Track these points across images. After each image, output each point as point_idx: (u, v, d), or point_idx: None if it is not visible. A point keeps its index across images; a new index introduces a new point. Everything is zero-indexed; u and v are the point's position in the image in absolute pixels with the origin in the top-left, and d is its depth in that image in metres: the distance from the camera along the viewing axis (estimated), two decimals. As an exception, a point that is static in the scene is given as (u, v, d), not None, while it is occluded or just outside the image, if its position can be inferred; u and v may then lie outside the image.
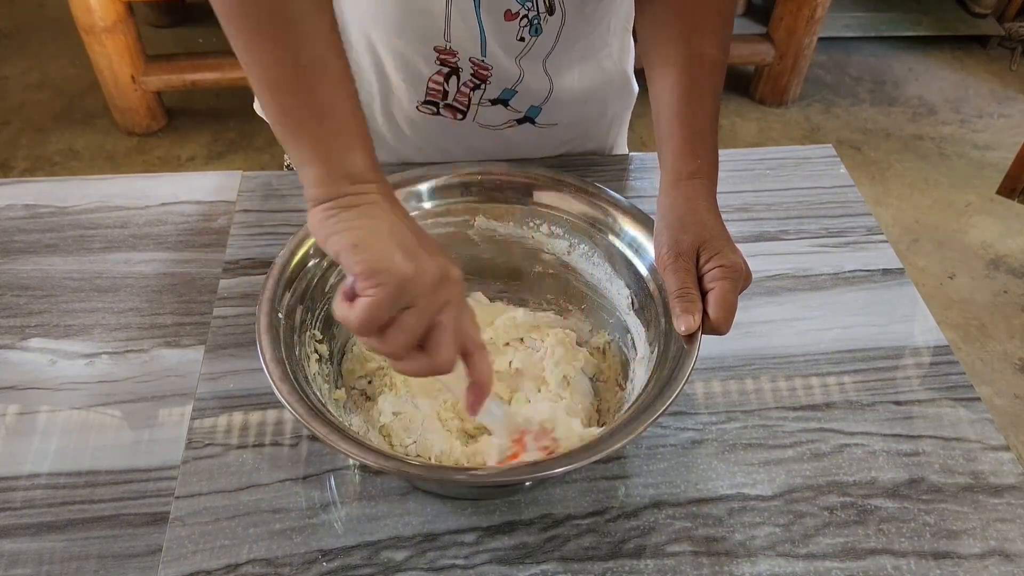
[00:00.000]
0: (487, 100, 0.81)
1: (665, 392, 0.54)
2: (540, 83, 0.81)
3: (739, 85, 2.56)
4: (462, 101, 0.81)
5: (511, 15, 0.73)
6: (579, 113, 0.87)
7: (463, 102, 0.81)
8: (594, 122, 0.90)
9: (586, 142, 0.91)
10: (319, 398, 0.57)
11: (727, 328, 0.57)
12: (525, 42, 0.76)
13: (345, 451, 0.50)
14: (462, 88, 0.80)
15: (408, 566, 0.57)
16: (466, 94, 0.81)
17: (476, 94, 0.81)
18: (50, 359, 0.71)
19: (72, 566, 0.57)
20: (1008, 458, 0.65)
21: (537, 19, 0.74)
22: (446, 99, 0.81)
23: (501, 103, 0.82)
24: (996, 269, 2.03)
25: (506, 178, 0.71)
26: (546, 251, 0.72)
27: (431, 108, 0.82)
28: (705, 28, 0.65)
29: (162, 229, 0.83)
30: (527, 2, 0.72)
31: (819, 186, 0.90)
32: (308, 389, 0.56)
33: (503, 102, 0.82)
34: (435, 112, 0.82)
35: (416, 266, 0.46)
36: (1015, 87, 2.65)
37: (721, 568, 0.58)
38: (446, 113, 0.83)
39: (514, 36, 0.75)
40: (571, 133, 0.89)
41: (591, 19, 0.78)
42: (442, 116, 0.83)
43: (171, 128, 2.36)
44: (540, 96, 0.82)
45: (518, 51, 0.77)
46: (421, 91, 0.80)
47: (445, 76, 0.79)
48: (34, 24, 2.74)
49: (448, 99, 0.81)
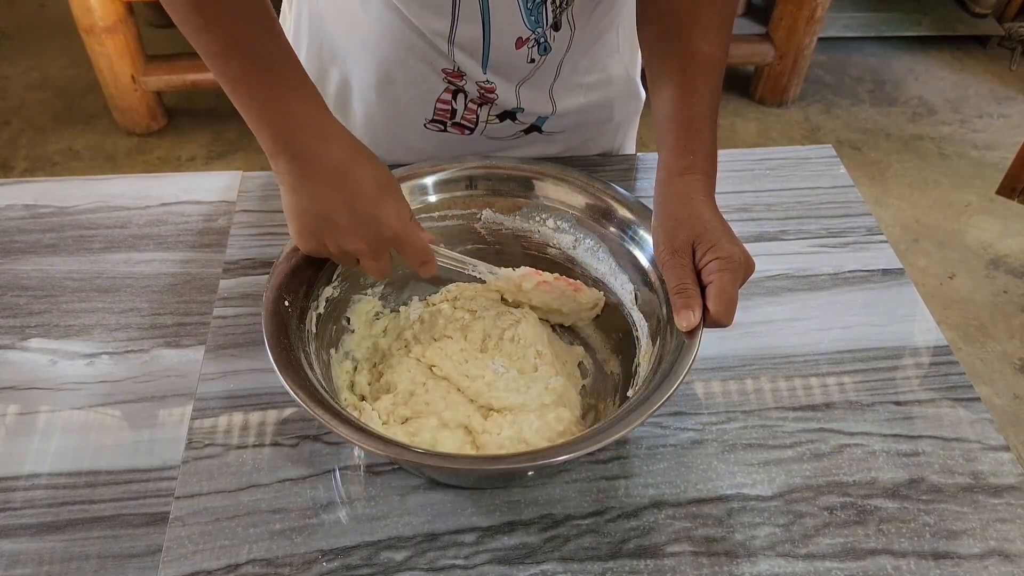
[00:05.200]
0: (494, 116, 0.82)
1: (665, 384, 0.54)
2: (543, 107, 0.82)
3: (739, 85, 2.56)
4: (470, 118, 0.82)
5: (522, 42, 0.73)
6: (586, 121, 0.87)
7: (471, 119, 0.82)
8: (601, 127, 0.90)
9: (593, 146, 0.92)
10: (323, 385, 0.58)
11: (729, 320, 0.56)
12: (535, 63, 0.76)
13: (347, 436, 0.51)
14: (469, 105, 0.80)
15: (408, 566, 0.57)
16: (474, 111, 0.81)
17: (484, 110, 0.81)
18: (50, 359, 0.71)
19: (72, 566, 0.57)
20: (1008, 458, 0.65)
21: (544, 39, 0.74)
22: (454, 118, 0.81)
23: (509, 117, 0.82)
24: (996, 269, 2.03)
25: (513, 172, 0.71)
26: (552, 245, 0.72)
27: (438, 126, 0.83)
28: (705, 27, 0.65)
29: (162, 229, 0.83)
30: (538, 27, 0.72)
31: (819, 186, 0.90)
32: (313, 376, 0.57)
33: (511, 116, 0.82)
34: (442, 130, 0.83)
35: (316, 243, 0.61)
36: (1015, 87, 2.65)
37: (721, 568, 0.58)
38: (454, 130, 0.83)
39: (524, 59, 0.75)
40: (578, 139, 0.89)
41: (598, 27, 0.78)
42: (450, 132, 0.83)
43: (171, 128, 2.36)
44: (546, 111, 0.83)
45: (525, 73, 0.77)
46: (428, 110, 0.81)
47: (453, 94, 0.79)
48: (34, 24, 2.74)
49: (456, 117, 0.81)
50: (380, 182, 0.60)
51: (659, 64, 0.67)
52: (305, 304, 0.63)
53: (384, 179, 0.61)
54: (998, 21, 2.77)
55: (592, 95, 0.84)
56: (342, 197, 0.59)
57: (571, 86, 0.82)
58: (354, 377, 0.68)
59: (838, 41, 2.76)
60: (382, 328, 0.71)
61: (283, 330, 0.58)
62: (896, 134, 2.46)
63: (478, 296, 0.72)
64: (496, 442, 0.61)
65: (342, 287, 0.67)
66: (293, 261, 0.63)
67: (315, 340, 0.63)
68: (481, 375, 0.66)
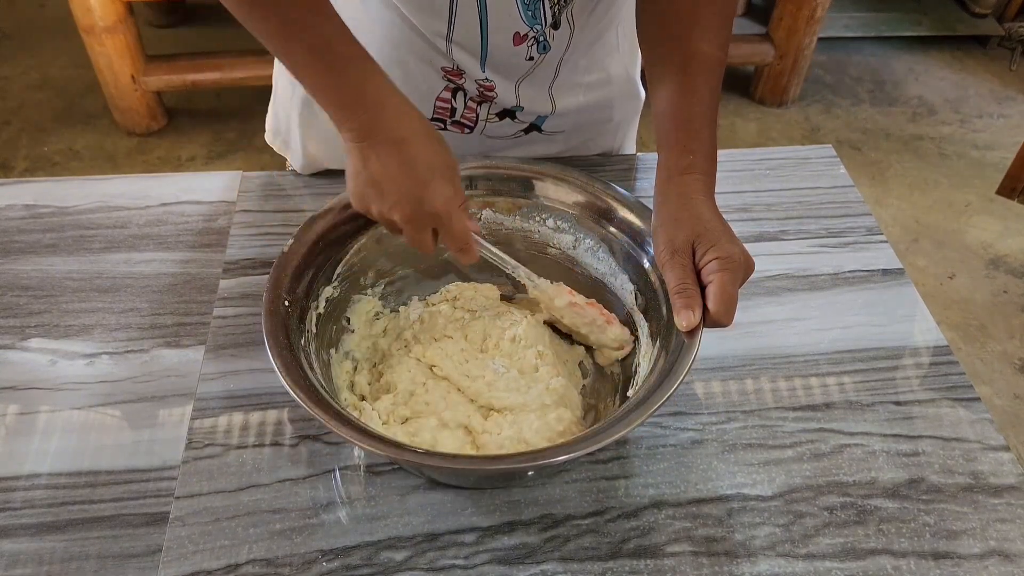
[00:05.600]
0: (494, 115, 0.82)
1: (665, 384, 0.54)
2: (543, 106, 0.82)
3: (739, 85, 2.56)
4: (470, 117, 0.82)
5: (520, 38, 0.73)
6: (586, 120, 0.87)
7: (471, 118, 0.82)
8: (601, 127, 0.90)
9: (593, 146, 0.92)
10: (323, 385, 0.58)
11: (729, 320, 0.57)
12: (534, 60, 0.76)
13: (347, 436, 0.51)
14: (469, 103, 0.80)
15: (408, 566, 0.57)
16: (473, 109, 0.81)
17: (483, 108, 0.81)
18: (50, 359, 0.71)
19: (72, 566, 0.57)
20: (1008, 458, 0.65)
21: (544, 37, 0.74)
22: (454, 116, 0.81)
23: (508, 115, 0.82)
24: (996, 269, 2.03)
25: (513, 172, 0.72)
26: (552, 245, 0.72)
27: (438, 124, 0.82)
28: (704, 27, 0.65)
29: (162, 229, 0.83)
30: (536, 24, 0.72)
31: (819, 186, 0.90)
32: (313, 375, 0.57)
33: (510, 114, 0.82)
34: (442, 128, 0.83)
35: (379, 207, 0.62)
36: (1015, 87, 2.65)
37: (721, 568, 0.58)
38: (454, 129, 0.83)
39: (523, 57, 0.75)
40: (578, 138, 0.89)
41: (598, 26, 0.78)
42: (450, 131, 0.83)
43: (171, 128, 2.35)
44: (545, 111, 0.83)
45: (524, 71, 0.77)
46: (428, 109, 0.81)
47: (452, 92, 0.79)
48: (34, 24, 2.74)
49: (456, 116, 0.81)
50: (436, 162, 0.61)
51: (659, 64, 0.67)
52: (305, 304, 0.63)
53: (441, 161, 0.62)
54: (998, 21, 2.77)
55: (592, 94, 0.84)
56: (395, 168, 0.60)
57: (571, 85, 0.82)
58: (354, 377, 0.68)
59: (838, 41, 2.76)
60: (382, 328, 0.71)
61: (283, 330, 0.58)
62: (896, 134, 2.46)
63: (477, 296, 0.72)
64: (496, 442, 0.61)
65: (342, 287, 0.67)
66: (293, 261, 0.63)
67: (315, 340, 0.63)
68: (481, 375, 0.66)
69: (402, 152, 0.60)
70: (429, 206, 0.60)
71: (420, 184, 0.60)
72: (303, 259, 0.63)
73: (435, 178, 0.61)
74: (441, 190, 0.61)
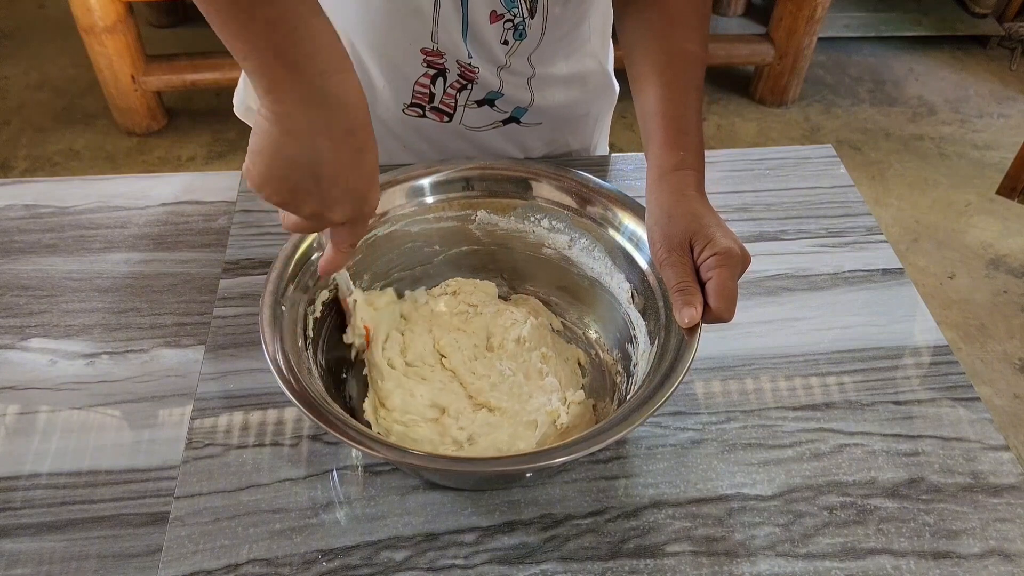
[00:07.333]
0: (473, 102, 0.82)
1: (665, 384, 0.54)
2: (522, 94, 0.82)
3: (739, 85, 2.56)
4: (448, 103, 0.82)
5: (496, 16, 0.73)
6: (563, 113, 0.87)
7: (449, 104, 0.82)
8: (579, 121, 0.91)
9: (571, 141, 0.92)
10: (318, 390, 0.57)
11: (730, 315, 0.56)
12: (509, 45, 0.76)
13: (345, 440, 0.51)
14: (448, 90, 0.80)
15: (408, 566, 0.58)
16: (452, 96, 0.81)
17: (463, 95, 0.81)
18: (50, 359, 0.71)
19: (72, 566, 0.57)
20: (1008, 458, 0.65)
21: (522, 24, 0.74)
22: (432, 102, 0.81)
23: (487, 103, 0.82)
24: (996, 269, 2.03)
25: (507, 173, 0.71)
26: (547, 245, 0.72)
27: (417, 111, 0.82)
28: (686, 25, 0.66)
29: (162, 229, 0.83)
30: (513, 7, 0.73)
31: (819, 186, 0.90)
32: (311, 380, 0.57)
33: (489, 103, 0.82)
34: (421, 115, 0.83)
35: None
36: (1015, 87, 2.65)
37: (721, 568, 0.58)
38: (432, 116, 0.83)
39: (498, 39, 0.75)
40: (556, 132, 0.90)
41: (571, 18, 0.78)
42: (428, 119, 0.83)
43: (171, 128, 2.36)
44: (524, 101, 0.83)
45: (501, 57, 0.77)
46: (407, 94, 0.81)
47: (432, 78, 0.79)
48: (34, 24, 2.74)
49: (434, 102, 0.81)
50: (375, 153, 0.53)
51: (642, 62, 0.67)
52: (304, 306, 0.62)
53: (376, 150, 0.53)
54: (998, 21, 2.77)
55: (569, 87, 0.85)
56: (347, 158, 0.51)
57: (548, 78, 0.82)
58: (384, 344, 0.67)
59: (838, 41, 2.76)
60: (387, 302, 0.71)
61: (280, 331, 0.58)
62: (896, 134, 2.46)
63: (477, 291, 0.73)
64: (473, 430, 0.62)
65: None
66: (293, 260, 0.63)
67: (312, 342, 0.63)
68: (487, 375, 0.66)
69: (356, 139, 0.51)
70: (369, 207, 0.54)
71: (368, 180, 0.53)
72: (303, 259, 0.63)
73: (375, 172, 0.53)
74: (378, 187, 0.55)
